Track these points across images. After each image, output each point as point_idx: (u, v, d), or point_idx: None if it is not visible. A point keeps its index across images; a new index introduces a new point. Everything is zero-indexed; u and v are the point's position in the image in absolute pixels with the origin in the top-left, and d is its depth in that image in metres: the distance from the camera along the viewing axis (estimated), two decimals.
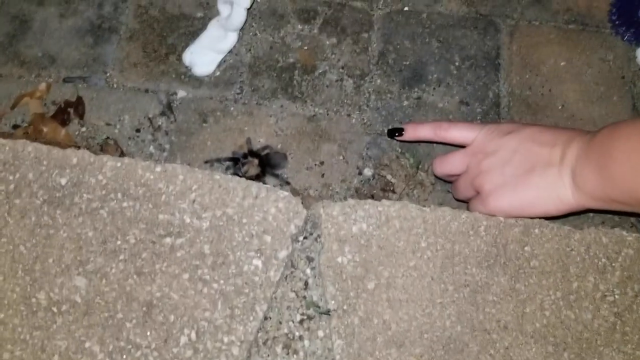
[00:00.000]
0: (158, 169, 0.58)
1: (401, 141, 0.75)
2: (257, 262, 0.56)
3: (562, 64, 0.82)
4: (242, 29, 0.79)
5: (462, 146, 0.69)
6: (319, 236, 0.59)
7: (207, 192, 0.57)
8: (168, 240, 0.56)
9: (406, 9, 0.85)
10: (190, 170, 0.58)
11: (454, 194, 0.70)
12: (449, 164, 0.68)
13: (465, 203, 0.71)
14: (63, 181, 0.57)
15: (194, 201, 0.57)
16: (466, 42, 0.83)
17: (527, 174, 0.60)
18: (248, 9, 0.75)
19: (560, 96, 0.80)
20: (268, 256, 0.56)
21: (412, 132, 0.71)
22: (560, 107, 0.79)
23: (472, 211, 0.65)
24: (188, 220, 0.56)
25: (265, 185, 0.58)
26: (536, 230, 0.59)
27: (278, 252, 0.56)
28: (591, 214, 0.74)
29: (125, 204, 0.57)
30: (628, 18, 0.81)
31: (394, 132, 0.72)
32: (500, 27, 0.84)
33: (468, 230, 0.58)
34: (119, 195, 0.57)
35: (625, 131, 0.55)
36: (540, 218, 0.61)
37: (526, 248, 0.58)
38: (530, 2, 0.85)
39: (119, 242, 0.55)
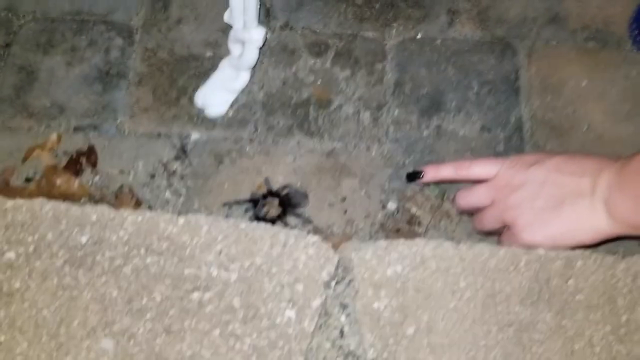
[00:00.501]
0: (181, 221, 0.56)
1: (421, 184, 0.72)
2: (290, 313, 0.53)
3: (583, 83, 0.80)
4: (253, 66, 0.78)
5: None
6: (351, 280, 0.56)
7: (233, 242, 0.55)
8: (196, 295, 0.53)
9: (419, 36, 0.83)
10: (215, 220, 0.55)
11: (477, 226, 0.68)
12: (473, 198, 0.66)
13: (487, 236, 0.69)
14: (83, 239, 0.55)
15: (220, 253, 0.55)
16: (483, 66, 0.81)
17: (557, 206, 0.58)
18: (261, 48, 0.73)
19: (585, 117, 0.78)
20: (301, 306, 0.53)
21: (433, 173, 0.68)
22: (585, 129, 0.77)
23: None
24: (215, 273, 0.54)
25: (293, 231, 0.56)
26: (579, 263, 0.56)
27: (311, 300, 0.54)
28: None
29: (149, 260, 0.54)
30: None
31: (414, 176, 0.70)
32: (517, 49, 0.82)
33: (508, 266, 0.56)
34: (142, 251, 0.54)
35: None
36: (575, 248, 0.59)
37: (570, 282, 0.56)
38: (546, 21, 0.84)
39: (145, 301, 0.53)
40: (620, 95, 0.79)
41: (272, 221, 0.71)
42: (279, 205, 0.72)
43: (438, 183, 0.72)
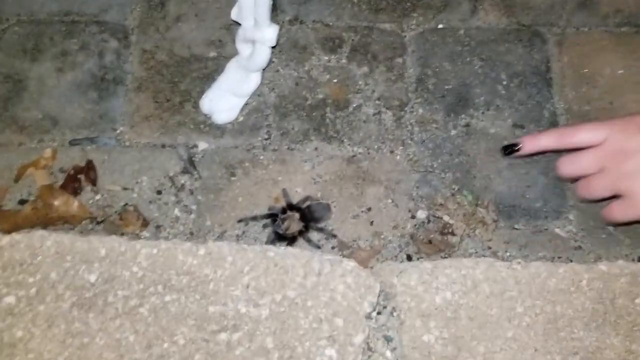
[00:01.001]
0: (201, 251, 0.49)
1: (520, 157, 0.67)
2: (331, 352, 0.47)
3: (619, 72, 0.74)
4: (264, 67, 0.71)
5: None
6: (394, 309, 0.50)
7: (261, 273, 0.49)
8: (223, 336, 0.47)
9: (440, 26, 0.77)
10: (240, 249, 0.49)
11: (584, 194, 0.63)
12: (580, 165, 0.62)
13: (591, 203, 0.65)
14: (92, 278, 0.48)
15: (247, 286, 0.49)
16: (512, 57, 0.75)
17: None
18: (273, 47, 0.67)
19: (623, 108, 0.72)
20: (342, 343, 0.48)
21: (531, 144, 0.65)
22: None
23: (612, 215, 0.60)
24: (244, 310, 0.48)
25: (327, 258, 0.50)
26: None
27: (353, 337, 0.48)
28: None
29: (167, 298, 0.48)
30: None
31: (510, 149, 0.66)
32: (547, 37, 0.76)
33: (568, 287, 0.50)
34: (160, 288, 0.48)
35: None
36: None
37: (637, 300, 0.50)
38: (575, 6, 0.78)
39: (166, 345, 0.47)
40: None
41: (294, 238, 0.65)
42: (300, 220, 0.66)
43: (537, 155, 0.68)
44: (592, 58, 0.75)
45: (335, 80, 0.74)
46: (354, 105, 0.73)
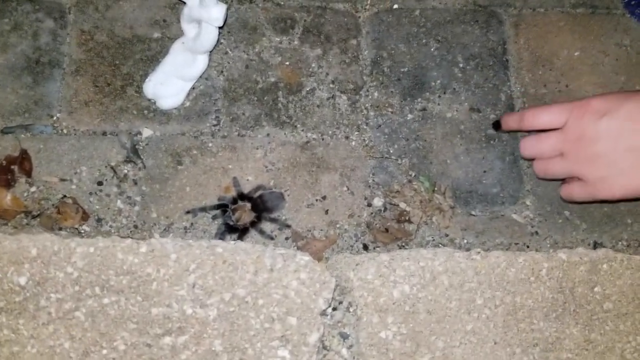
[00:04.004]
0: (143, 249, 0.46)
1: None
2: (284, 353, 0.45)
3: (576, 54, 0.73)
4: (211, 49, 0.67)
5: None
6: (350, 304, 0.48)
7: (209, 271, 0.46)
8: (167, 340, 0.44)
9: (396, 6, 0.74)
10: (185, 245, 0.46)
11: (541, 174, 0.64)
12: (540, 148, 0.62)
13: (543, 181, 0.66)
14: (22, 281, 0.44)
15: (194, 285, 0.45)
16: (468, 39, 0.73)
17: (637, 159, 0.56)
18: (221, 28, 0.63)
19: (579, 91, 0.71)
20: (296, 343, 0.45)
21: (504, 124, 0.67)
22: None
23: (571, 195, 0.62)
24: (190, 311, 0.45)
25: (280, 252, 0.47)
26: (604, 266, 0.50)
27: (307, 336, 0.45)
28: (629, 221, 0.65)
29: (106, 301, 0.45)
30: None
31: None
32: (503, 18, 0.74)
33: (528, 276, 0.49)
34: (97, 289, 0.45)
35: None
36: None
37: (596, 289, 0.49)
38: None
39: (105, 351, 0.44)
40: (613, 66, 0.73)
41: (245, 229, 0.62)
42: (251, 210, 0.63)
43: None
44: (548, 40, 0.73)
45: (287, 63, 0.71)
46: (307, 89, 0.70)
